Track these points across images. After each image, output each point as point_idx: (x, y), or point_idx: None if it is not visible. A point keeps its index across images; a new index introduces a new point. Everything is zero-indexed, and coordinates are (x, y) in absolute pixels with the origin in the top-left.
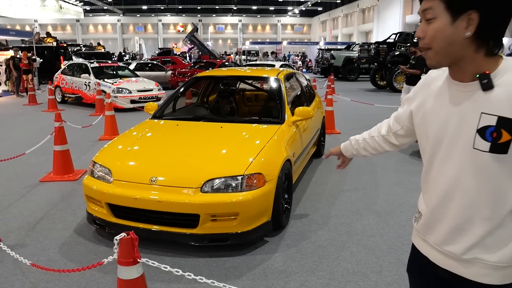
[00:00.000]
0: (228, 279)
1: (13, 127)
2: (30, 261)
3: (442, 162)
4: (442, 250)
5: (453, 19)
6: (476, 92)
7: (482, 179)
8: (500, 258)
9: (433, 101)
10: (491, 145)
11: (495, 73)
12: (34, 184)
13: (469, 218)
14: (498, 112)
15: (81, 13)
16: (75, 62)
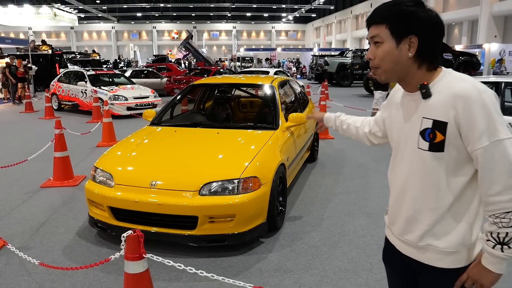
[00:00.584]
0: (225, 277)
1: (11, 134)
2: (39, 261)
3: (400, 162)
4: (402, 239)
5: (397, 43)
6: (419, 100)
7: (425, 174)
8: (447, 244)
9: (395, 109)
10: (429, 144)
11: (432, 83)
12: (35, 190)
13: (418, 209)
14: (433, 116)
15: (76, 21)
16: (71, 70)
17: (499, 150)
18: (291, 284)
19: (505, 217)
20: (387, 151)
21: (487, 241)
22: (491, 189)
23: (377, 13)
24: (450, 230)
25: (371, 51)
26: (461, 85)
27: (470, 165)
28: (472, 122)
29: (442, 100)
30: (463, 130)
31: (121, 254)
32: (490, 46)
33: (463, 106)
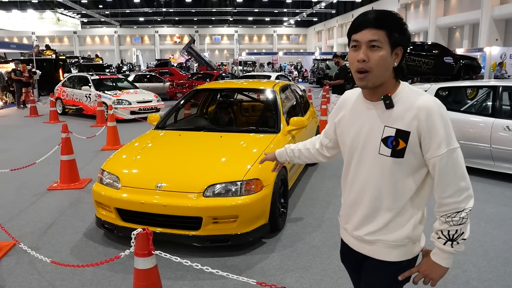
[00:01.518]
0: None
1: (17, 138)
2: (50, 259)
3: (357, 165)
4: (355, 235)
5: (391, 51)
6: (381, 109)
7: (385, 177)
8: (396, 238)
9: (349, 115)
10: (392, 151)
11: (394, 94)
12: (42, 192)
13: (375, 208)
14: (396, 125)
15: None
16: (75, 75)
17: (453, 157)
18: (292, 282)
19: (456, 216)
20: None
21: (438, 238)
22: (445, 192)
23: (379, 17)
24: (400, 226)
25: (366, 54)
26: (423, 98)
27: (423, 170)
28: (433, 132)
29: (405, 111)
30: (423, 139)
31: (131, 251)
32: (491, 50)
33: (426, 118)
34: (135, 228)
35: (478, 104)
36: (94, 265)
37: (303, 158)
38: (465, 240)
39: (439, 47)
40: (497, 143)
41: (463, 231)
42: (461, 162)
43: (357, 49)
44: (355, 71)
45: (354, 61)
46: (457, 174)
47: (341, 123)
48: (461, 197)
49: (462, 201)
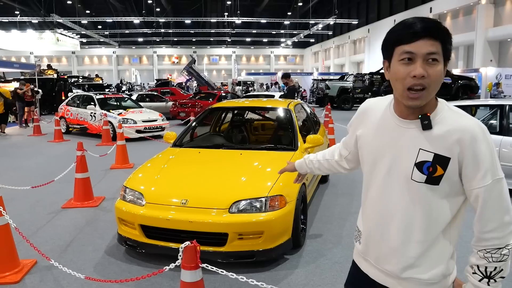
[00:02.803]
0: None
1: (23, 157)
2: (84, 275)
3: (381, 190)
4: (382, 268)
5: (444, 66)
6: (415, 130)
7: (416, 206)
8: (431, 276)
9: (374, 130)
10: (427, 177)
11: (433, 114)
12: (57, 210)
13: (404, 240)
14: (434, 149)
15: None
16: (80, 94)
17: (497, 189)
18: None
19: (496, 253)
20: None
21: (474, 273)
22: (487, 226)
23: (435, 26)
24: (434, 262)
25: (424, 68)
26: (466, 121)
27: (459, 198)
28: (477, 159)
29: (445, 133)
30: (466, 167)
31: (176, 265)
32: (487, 70)
33: (470, 143)
34: (159, 245)
35: (485, 123)
36: (145, 277)
37: (323, 169)
38: (504, 278)
39: None
40: (506, 160)
41: (502, 269)
42: (506, 194)
43: (410, 63)
44: (405, 89)
45: (407, 77)
46: (502, 207)
47: (363, 138)
48: (504, 232)
49: (504, 237)
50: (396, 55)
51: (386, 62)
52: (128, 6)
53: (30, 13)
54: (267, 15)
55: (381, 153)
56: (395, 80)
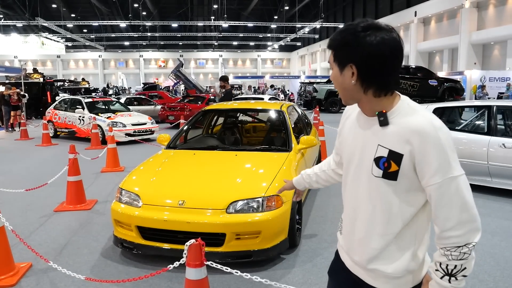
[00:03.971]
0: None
1: (11, 161)
2: (85, 276)
3: (352, 183)
4: (352, 258)
5: (341, 70)
6: (375, 126)
7: (377, 200)
8: (394, 270)
9: (348, 128)
10: (383, 172)
11: (391, 112)
12: (49, 214)
13: (368, 232)
14: (389, 145)
15: (63, 49)
16: (68, 97)
17: (452, 187)
18: None
19: (456, 251)
20: None
21: (436, 270)
22: (445, 225)
23: (329, 39)
24: (396, 257)
25: (331, 75)
26: (418, 120)
27: (421, 195)
28: (427, 158)
29: (399, 131)
30: (417, 165)
31: (181, 263)
32: (471, 73)
33: (419, 142)
34: (156, 246)
35: (474, 123)
36: (132, 280)
37: (321, 182)
38: (466, 277)
39: (424, 70)
40: (494, 160)
41: (465, 267)
42: (463, 192)
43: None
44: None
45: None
46: (458, 206)
47: (343, 140)
48: (462, 230)
49: (463, 235)
50: None
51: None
52: (114, 10)
53: (15, 17)
54: (253, 19)
55: (353, 151)
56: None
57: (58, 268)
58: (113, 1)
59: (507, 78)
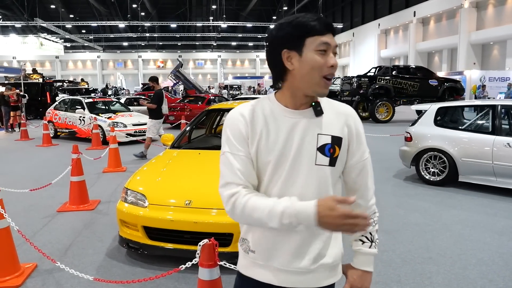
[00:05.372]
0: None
1: (12, 162)
2: (93, 277)
3: (286, 181)
4: (290, 269)
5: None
6: (310, 118)
7: (323, 190)
8: (334, 258)
9: (268, 130)
10: (330, 159)
11: (318, 102)
12: (52, 214)
13: (313, 231)
14: (330, 132)
15: (61, 50)
16: (68, 98)
17: (370, 161)
18: None
19: (375, 217)
20: (389, 172)
21: (363, 243)
22: (369, 195)
23: (331, 24)
24: (335, 244)
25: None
26: (344, 105)
27: (340, 180)
28: (360, 137)
29: (336, 117)
30: (351, 145)
31: (193, 263)
32: (471, 73)
33: (354, 123)
34: (162, 246)
35: (478, 123)
36: (138, 281)
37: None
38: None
39: (424, 70)
40: (499, 159)
41: (376, 229)
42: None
43: (325, 54)
44: (322, 77)
45: (324, 66)
46: (372, 176)
47: (260, 143)
48: (374, 197)
49: (374, 201)
50: (310, 45)
51: (289, 53)
52: (113, 10)
53: (13, 18)
54: (252, 19)
55: (282, 148)
56: (310, 70)
57: (64, 268)
58: (111, 2)
59: (507, 78)
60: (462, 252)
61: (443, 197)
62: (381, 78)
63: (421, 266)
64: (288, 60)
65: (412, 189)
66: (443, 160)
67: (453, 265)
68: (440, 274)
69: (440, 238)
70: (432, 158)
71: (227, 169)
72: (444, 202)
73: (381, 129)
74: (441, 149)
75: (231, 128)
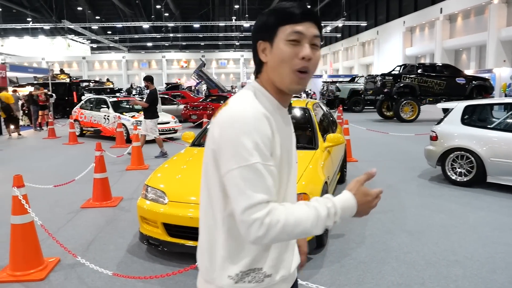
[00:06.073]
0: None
1: (40, 159)
2: (112, 272)
3: (286, 185)
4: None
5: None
6: (287, 116)
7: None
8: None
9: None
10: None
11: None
12: (76, 210)
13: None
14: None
15: (88, 51)
16: (93, 97)
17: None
18: None
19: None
20: (414, 172)
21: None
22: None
23: (314, 11)
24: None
25: (311, 51)
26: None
27: None
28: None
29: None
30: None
31: None
32: (500, 71)
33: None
34: (181, 243)
35: (508, 121)
36: (158, 277)
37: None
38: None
39: (451, 68)
40: None
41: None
42: None
43: (298, 44)
44: (295, 70)
45: (295, 58)
46: None
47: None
48: None
49: None
50: (281, 35)
51: (264, 44)
52: (137, 12)
53: (42, 20)
54: None
55: (289, 150)
56: (279, 62)
57: (85, 263)
58: (136, 3)
59: None
60: (490, 255)
61: (470, 198)
62: (406, 76)
63: (447, 269)
64: (263, 52)
65: (438, 190)
66: (470, 160)
67: (481, 268)
68: (467, 277)
69: (466, 240)
70: (459, 158)
71: (259, 185)
72: (471, 204)
73: (406, 128)
74: (469, 148)
75: (259, 132)
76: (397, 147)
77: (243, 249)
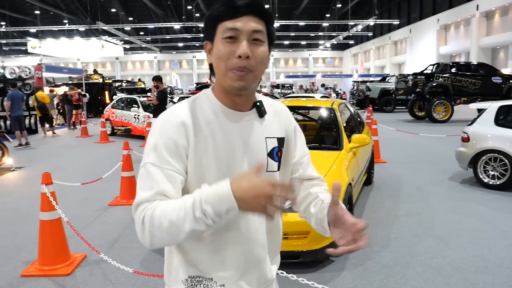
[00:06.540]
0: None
1: (72, 157)
2: (133, 269)
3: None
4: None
5: (268, 49)
6: (253, 120)
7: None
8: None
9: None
10: (278, 164)
11: (260, 100)
12: (104, 207)
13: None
14: (274, 134)
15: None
16: (124, 97)
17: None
18: None
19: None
20: (444, 174)
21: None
22: (319, 177)
23: (256, 3)
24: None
25: (249, 48)
26: (276, 101)
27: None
28: (298, 131)
29: (275, 117)
30: (290, 141)
31: None
32: None
33: (290, 120)
34: None
35: None
36: None
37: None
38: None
39: (487, 67)
40: None
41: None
42: None
43: (234, 41)
44: (230, 69)
45: (231, 56)
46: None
47: (207, 155)
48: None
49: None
50: (219, 33)
51: (209, 44)
52: (169, 12)
53: (77, 22)
54: (305, 17)
55: (226, 157)
56: (217, 61)
57: (109, 260)
58: (167, 4)
59: None
60: None
61: (503, 202)
62: (439, 75)
63: (475, 276)
64: (209, 53)
65: (469, 193)
66: (504, 163)
67: (511, 276)
68: (496, 285)
69: (497, 246)
70: (492, 160)
71: (145, 185)
72: (504, 208)
73: (437, 129)
74: (503, 150)
75: (164, 136)
76: (428, 149)
77: (193, 256)
